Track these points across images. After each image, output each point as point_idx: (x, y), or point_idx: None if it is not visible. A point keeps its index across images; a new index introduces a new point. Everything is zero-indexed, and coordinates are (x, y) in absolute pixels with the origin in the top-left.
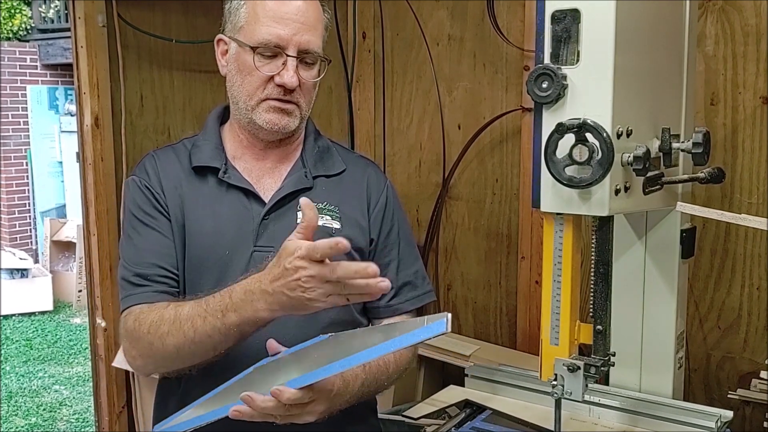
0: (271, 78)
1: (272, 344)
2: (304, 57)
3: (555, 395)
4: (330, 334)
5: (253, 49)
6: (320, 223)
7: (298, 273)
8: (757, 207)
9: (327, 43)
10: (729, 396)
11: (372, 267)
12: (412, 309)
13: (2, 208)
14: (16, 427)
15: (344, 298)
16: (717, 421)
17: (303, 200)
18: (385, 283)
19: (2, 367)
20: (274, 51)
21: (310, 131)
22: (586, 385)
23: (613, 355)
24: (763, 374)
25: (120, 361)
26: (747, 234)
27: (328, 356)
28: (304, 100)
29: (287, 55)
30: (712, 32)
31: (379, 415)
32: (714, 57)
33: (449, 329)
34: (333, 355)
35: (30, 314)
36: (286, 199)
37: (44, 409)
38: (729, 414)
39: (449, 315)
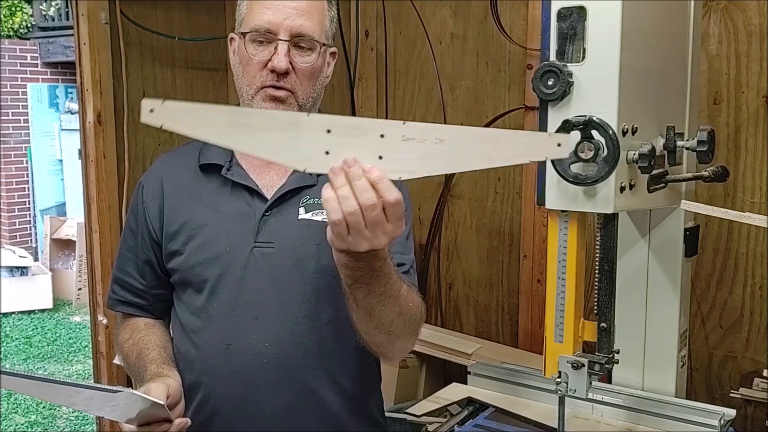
0: (266, 65)
1: None
2: (297, 41)
3: (559, 392)
4: None
5: (245, 35)
6: (322, 218)
7: None
8: (760, 206)
9: (332, 41)
10: (731, 395)
11: None
12: None
13: (2, 206)
14: (16, 425)
15: None
16: (720, 420)
17: None
18: None
19: (2, 364)
20: (266, 37)
21: None
22: (590, 383)
23: (617, 353)
24: (765, 373)
25: (121, 359)
26: (749, 233)
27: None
28: (300, 87)
29: (278, 40)
30: (716, 31)
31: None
32: (717, 56)
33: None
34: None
35: (30, 312)
36: (288, 195)
37: (44, 407)
38: (732, 412)
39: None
